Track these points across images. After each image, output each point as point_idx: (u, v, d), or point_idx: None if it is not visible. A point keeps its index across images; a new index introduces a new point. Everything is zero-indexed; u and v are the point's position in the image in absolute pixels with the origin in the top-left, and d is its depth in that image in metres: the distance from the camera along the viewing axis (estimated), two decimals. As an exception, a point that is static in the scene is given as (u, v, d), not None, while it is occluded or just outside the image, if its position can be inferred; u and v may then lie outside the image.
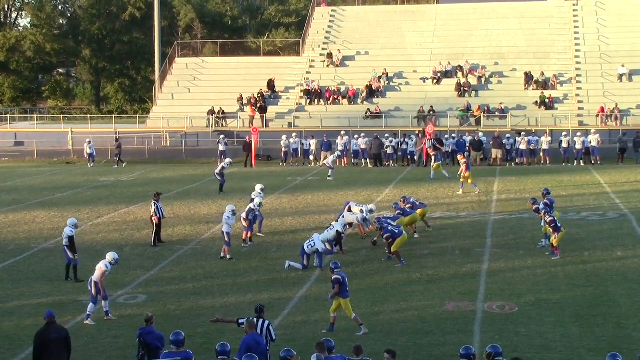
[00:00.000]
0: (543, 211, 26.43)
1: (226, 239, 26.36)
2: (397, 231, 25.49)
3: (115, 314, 20.37)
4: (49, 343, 15.41)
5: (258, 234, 29.30)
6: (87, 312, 20.01)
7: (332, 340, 14.32)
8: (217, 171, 39.82)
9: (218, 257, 26.50)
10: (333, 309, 19.09)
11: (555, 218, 25.68)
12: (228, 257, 26.17)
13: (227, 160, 41.51)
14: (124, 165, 52.69)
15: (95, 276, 20.31)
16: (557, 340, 18.07)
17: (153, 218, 28.01)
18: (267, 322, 15.85)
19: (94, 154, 53.98)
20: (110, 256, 20.68)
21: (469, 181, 37.96)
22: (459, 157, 41.70)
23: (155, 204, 28.14)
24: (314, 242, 25.06)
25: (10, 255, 27.01)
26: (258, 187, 31.43)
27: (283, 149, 52.39)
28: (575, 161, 49.33)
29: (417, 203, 29.49)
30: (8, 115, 77.24)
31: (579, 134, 50.26)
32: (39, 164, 55.63)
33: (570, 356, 17.19)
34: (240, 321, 15.74)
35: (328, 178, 44.24)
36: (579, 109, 59.96)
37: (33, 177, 47.94)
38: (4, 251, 27.77)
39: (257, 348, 14.52)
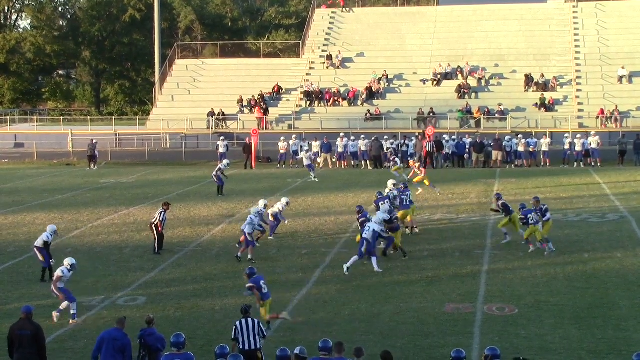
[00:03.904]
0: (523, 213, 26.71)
1: (249, 239, 26.22)
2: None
3: (114, 316, 20.33)
4: (15, 338, 15.47)
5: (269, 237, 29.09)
6: (71, 312, 20.01)
7: (329, 340, 14.34)
8: (214, 173, 39.70)
9: (217, 259, 26.53)
10: (264, 313, 19.09)
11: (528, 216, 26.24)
12: (250, 257, 25.98)
13: (225, 161, 41.38)
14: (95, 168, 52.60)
15: (54, 280, 20.62)
16: (557, 342, 18.07)
17: (158, 227, 27.61)
18: (256, 321, 16.07)
19: (97, 155, 53.92)
20: (67, 261, 20.77)
21: (427, 183, 38.00)
22: (411, 162, 41.73)
23: (162, 213, 27.77)
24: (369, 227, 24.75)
25: (10, 257, 26.99)
26: (284, 200, 30.62)
27: (280, 151, 52.28)
28: (575, 163, 49.33)
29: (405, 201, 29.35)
30: (8, 117, 77.35)
31: (578, 135, 50.26)
32: (39, 165, 55.62)
33: (570, 358, 17.18)
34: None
35: (311, 179, 44.21)
36: (579, 110, 60.07)
37: (33, 178, 47.93)
38: (3, 253, 27.75)
39: None
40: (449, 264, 25.30)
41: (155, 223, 27.42)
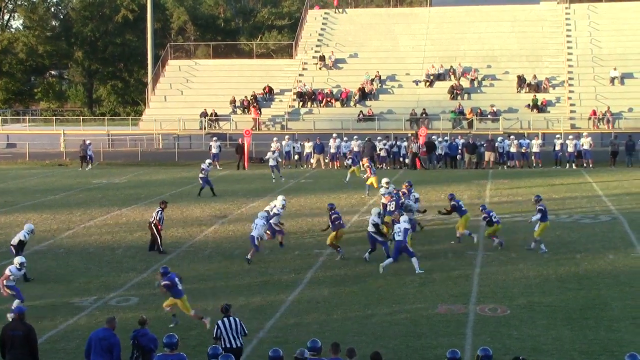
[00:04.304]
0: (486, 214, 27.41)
1: (256, 242, 26.04)
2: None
3: (107, 316, 20.28)
4: (7, 338, 15.45)
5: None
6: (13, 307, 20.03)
7: (318, 340, 14.35)
8: (200, 175, 39.49)
9: (210, 259, 26.56)
10: (166, 304, 19.67)
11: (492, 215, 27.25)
12: (249, 257, 26.02)
13: (207, 161, 40.93)
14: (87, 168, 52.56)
15: (1, 278, 21.11)
16: (549, 343, 18.10)
17: (157, 226, 27.59)
18: (237, 320, 16.22)
19: (93, 156, 53.84)
20: (17, 260, 21.45)
21: (375, 185, 37.98)
22: (363, 161, 41.46)
23: (160, 212, 27.77)
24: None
25: (1, 258, 26.89)
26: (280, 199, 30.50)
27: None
28: (567, 164, 49.40)
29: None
30: (0, 117, 77.18)
31: (571, 136, 50.33)
32: (31, 166, 55.52)
33: (562, 359, 17.23)
34: None
35: (274, 181, 44.16)
36: (571, 112, 60.20)
37: (25, 179, 47.86)
38: (-5, 253, 27.71)
39: None
40: (442, 265, 25.33)
41: (154, 222, 27.42)
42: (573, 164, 49.33)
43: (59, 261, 26.48)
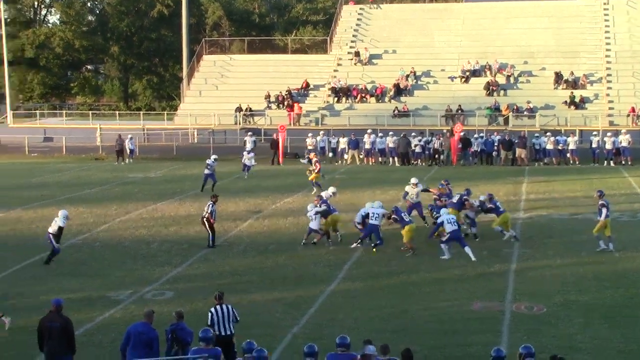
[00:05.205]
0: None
1: (320, 232, 27.50)
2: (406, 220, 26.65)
3: (142, 310, 20.36)
4: (45, 330, 15.50)
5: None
6: None
7: (347, 337, 14.34)
8: (206, 171, 39.62)
9: (244, 254, 26.57)
10: None
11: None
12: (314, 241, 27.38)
13: (213, 156, 40.82)
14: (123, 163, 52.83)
15: None
16: (586, 342, 17.92)
17: (210, 220, 27.67)
18: (230, 307, 16.37)
19: (135, 150, 54.21)
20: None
21: (315, 180, 38.04)
22: (311, 155, 41.08)
23: (211, 205, 27.83)
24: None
25: (39, 250, 27.10)
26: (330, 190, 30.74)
27: (308, 147, 52.23)
28: (605, 161, 48.91)
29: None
30: (37, 111, 77.98)
31: (609, 134, 49.85)
32: (68, 159, 55.89)
33: (599, 358, 17.05)
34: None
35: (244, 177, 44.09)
36: (610, 108, 59.60)
37: (61, 173, 48.20)
38: (32, 246, 27.88)
39: None
40: (477, 262, 25.14)
41: (206, 216, 27.45)
42: (611, 161, 48.84)
43: (94, 255, 26.61)
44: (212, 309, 16.23)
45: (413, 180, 30.91)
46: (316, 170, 38.73)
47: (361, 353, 13.80)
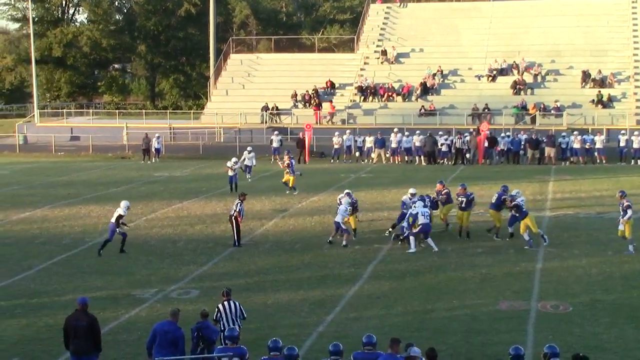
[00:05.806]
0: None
1: (343, 227, 27.41)
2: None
3: (168, 308, 20.44)
4: (71, 329, 15.57)
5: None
6: None
7: (373, 336, 14.30)
8: (230, 173, 39.48)
9: (270, 253, 26.62)
10: None
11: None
12: (344, 243, 27.22)
13: (233, 159, 40.60)
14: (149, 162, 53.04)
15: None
16: (612, 342, 17.82)
17: (237, 218, 27.68)
18: (237, 304, 16.49)
19: (161, 149, 54.47)
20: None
21: (290, 184, 38.18)
22: (285, 158, 39.45)
23: (239, 204, 27.89)
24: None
25: (65, 249, 27.30)
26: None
27: (335, 146, 52.28)
28: (633, 160, 48.56)
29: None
30: (64, 110, 78.44)
31: (636, 132, 49.49)
32: (94, 158, 56.21)
33: (626, 358, 16.95)
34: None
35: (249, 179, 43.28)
36: (637, 107, 59.15)
37: (88, 171, 48.47)
38: (59, 244, 28.10)
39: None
40: (503, 261, 25.09)
41: (234, 215, 27.52)
42: (638, 160, 48.49)
43: (120, 253, 26.71)
44: (220, 305, 16.38)
45: (411, 190, 29.91)
46: (287, 171, 38.48)
47: (406, 355, 13.72)
